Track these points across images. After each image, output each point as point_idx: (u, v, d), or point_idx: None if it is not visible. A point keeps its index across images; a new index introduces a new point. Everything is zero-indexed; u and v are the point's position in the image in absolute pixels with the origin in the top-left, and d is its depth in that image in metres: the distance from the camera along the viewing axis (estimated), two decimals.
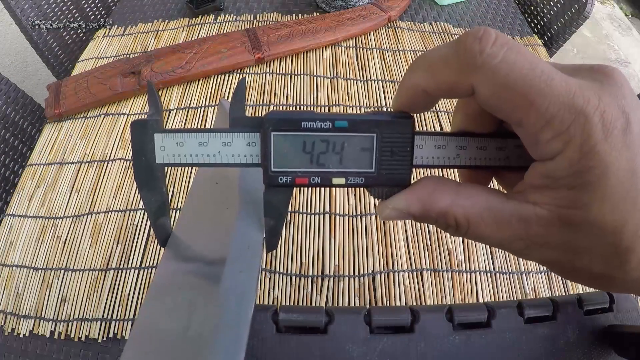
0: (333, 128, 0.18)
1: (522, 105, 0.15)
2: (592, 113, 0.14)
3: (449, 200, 0.17)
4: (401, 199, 0.18)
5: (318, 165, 0.19)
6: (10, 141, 0.60)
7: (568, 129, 0.14)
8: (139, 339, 0.21)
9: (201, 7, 0.69)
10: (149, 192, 0.20)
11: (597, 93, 0.14)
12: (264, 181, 0.19)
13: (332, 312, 0.26)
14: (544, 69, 0.14)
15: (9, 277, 0.43)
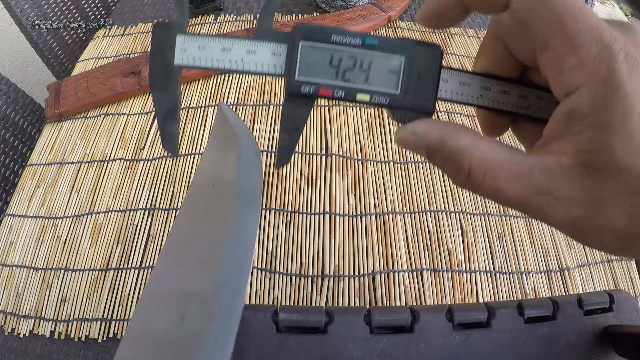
0: (363, 45, 0.18)
1: (553, 25, 0.14)
2: (617, 50, 0.14)
3: (469, 140, 0.16)
4: (422, 123, 0.18)
5: (343, 80, 0.19)
6: (10, 141, 0.60)
7: (593, 60, 0.14)
8: (132, 339, 0.21)
9: (201, 7, 0.69)
10: (162, 92, 0.20)
11: (623, 35, 0.14)
12: (285, 89, 0.19)
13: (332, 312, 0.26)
14: (580, 0, 0.14)
15: (9, 277, 0.43)
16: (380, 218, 0.46)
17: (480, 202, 0.48)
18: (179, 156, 0.51)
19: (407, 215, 0.46)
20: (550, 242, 0.46)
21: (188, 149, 0.52)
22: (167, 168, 0.50)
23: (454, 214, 0.47)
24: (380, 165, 0.50)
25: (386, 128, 0.54)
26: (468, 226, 0.46)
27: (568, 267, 0.44)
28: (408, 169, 0.50)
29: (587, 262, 0.45)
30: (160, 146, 0.52)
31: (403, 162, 0.51)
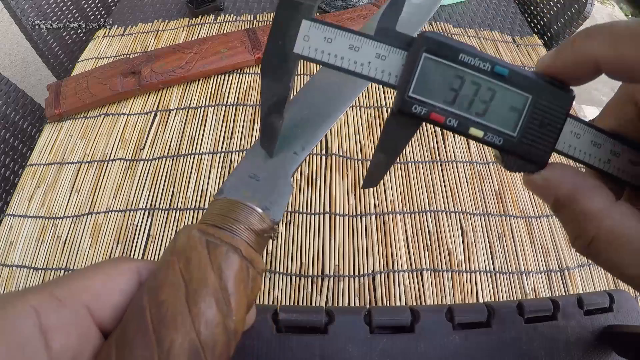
0: (491, 72, 0.16)
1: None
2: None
3: (602, 204, 0.15)
4: (558, 172, 0.16)
5: (460, 108, 0.17)
6: (10, 141, 0.60)
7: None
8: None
9: (201, 7, 0.69)
10: (273, 81, 0.18)
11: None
12: (394, 105, 0.17)
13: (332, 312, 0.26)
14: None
15: (9, 277, 0.43)
16: (380, 218, 0.46)
17: (480, 202, 0.48)
18: (179, 156, 0.51)
19: (407, 215, 0.46)
20: (550, 242, 0.46)
21: (188, 149, 0.52)
22: (167, 168, 0.50)
23: (454, 214, 0.47)
24: None
25: None
26: (468, 226, 0.46)
27: (568, 267, 0.44)
28: (408, 169, 0.50)
29: (587, 262, 0.45)
30: (160, 146, 0.52)
31: (403, 162, 0.51)
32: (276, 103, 0.19)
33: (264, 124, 0.20)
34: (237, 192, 0.20)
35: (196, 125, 0.54)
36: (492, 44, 0.67)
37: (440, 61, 0.16)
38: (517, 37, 0.70)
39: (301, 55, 0.17)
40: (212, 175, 0.49)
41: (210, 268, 0.17)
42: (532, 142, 0.17)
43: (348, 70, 0.17)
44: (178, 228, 0.45)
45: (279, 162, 0.22)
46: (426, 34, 0.16)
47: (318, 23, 0.17)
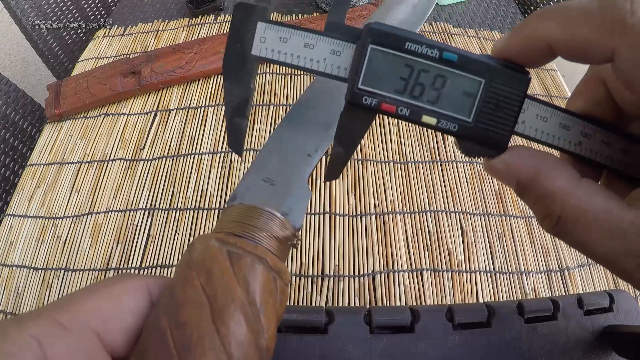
0: (439, 59, 0.16)
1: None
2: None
3: (564, 182, 0.14)
4: (517, 155, 0.16)
5: (411, 97, 0.17)
6: (10, 141, 0.60)
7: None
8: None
9: (201, 7, 0.69)
10: (234, 84, 0.18)
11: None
12: (345, 97, 0.17)
13: (332, 312, 0.26)
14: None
15: (9, 277, 0.43)
16: (380, 218, 0.46)
17: (480, 202, 0.48)
18: (179, 156, 0.51)
19: (407, 215, 0.46)
20: (550, 242, 0.46)
21: (188, 149, 0.52)
22: (167, 168, 0.50)
23: (454, 214, 0.47)
24: (380, 165, 0.50)
25: (386, 128, 0.54)
26: (468, 226, 0.46)
27: (568, 267, 0.44)
28: (408, 169, 0.50)
29: (587, 262, 0.45)
30: (160, 146, 0.52)
31: (403, 162, 0.51)
32: (239, 105, 0.19)
33: (229, 126, 0.20)
34: (252, 197, 0.19)
35: (196, 125, 0.54)
36: (492, 44, 0.67)
37: (387, 51, 0.16)
38: None
39: (259, 56, 0.18)
40: (212, 175, 0.49)
41: (236, 281, 0.15)
42: (489, 127, 0.16)
43: (305, 67, 0.18)
44: (178, 228, 0.45)
45: (293, 165, 0.21)
46: (371, 25, 0.16)
47: (273, 24, 0.17)
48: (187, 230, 0.45)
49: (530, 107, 0.17)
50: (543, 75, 0.63)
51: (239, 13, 0.17)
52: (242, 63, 0.18)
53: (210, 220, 0.45)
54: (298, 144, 0.22)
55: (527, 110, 0.17)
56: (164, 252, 0.43)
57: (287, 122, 0.23)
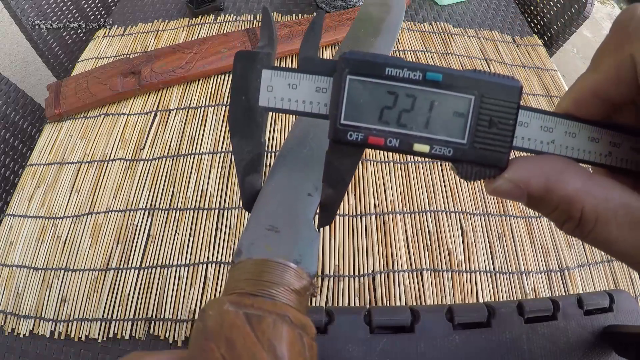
0: (423, 81, 0.15)
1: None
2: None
3: (579, 183, 0.14)
4: (521, 169, 0.15)
5: (398, 125, 0.15)
6: (10, 141, 0.60)
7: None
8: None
9: (201, 7, 0.69)
10: (243, 139, 0.17)
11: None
12: (329, 135, 0.16)
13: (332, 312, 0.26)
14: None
15: (9, 277, 0.43)
16: (380, 218, 0.46)
17: (480, 202, 0.48)
18: (179, 156, 0.51)
19: (407, 215, 0.46)
20: (550, 242, 0.46)
21: (188, 149, 0.52)
22: (167, 168, 0.50)
23: (454, 214, 0.47)
24: (380, 165, 0.50)
25: None
26: (468, 226, 0.46)
27: (568, 267, 0.44)
28: (408, 169, 0.50)
29: (587, 262, 0.45)
30: (160, 146, 0.52)
31: (403, 162, 0.51)
32: (252, 161, 0.18)
33: (242, 185, 0.19)
34: (259, 249, 0.17)
35: (196, 125, 0.54)
36: (492, 44, 0.67)
37: (367, 80, 0.15)
38: (517, 37, 0.70)
39: (268, 107, 0.16)
40: (212, 175, 0.49)
41: (260, 347, 0.14)
42: (486, 145, 0.15)
43: (319, 114, 0.16)
44: (178, 228, 0.45)
45: (295, 208, 0.19)
46: (346, 55, 0.15)
47: (280, 70, 0.16)
48: (187, 230, 0.45)
49: (558, 125, 0.16)
50: (543, 75, 0.63)
51: (240, 62, 0.16)
52: (249, 117, 0.17)
53: (211, 220, 0.45)
54: (296, 185, 0.20)
55: (555, 128, 0.16)
56: (164, 252, 0.43)
57: (280, 163, 0.22)
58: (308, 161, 0.22)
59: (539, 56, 0.66)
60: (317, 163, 0.21)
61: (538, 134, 0.16)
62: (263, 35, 0.17)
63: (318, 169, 0.20)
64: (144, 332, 0.39)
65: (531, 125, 0.16)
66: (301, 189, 0.20)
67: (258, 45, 0.17)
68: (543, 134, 0.16)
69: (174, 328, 0.39)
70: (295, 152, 0.22)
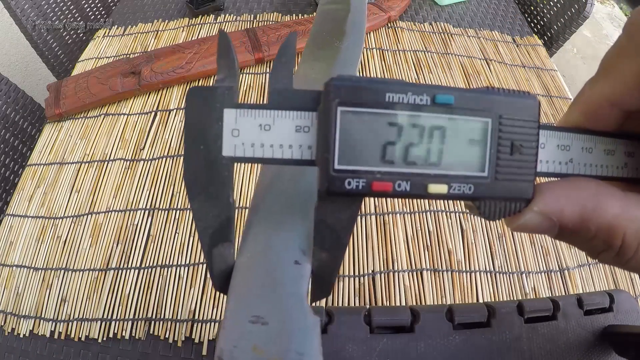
0: (432, 105, 0.13)
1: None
2: None
3: (617, 208, 0.12)
4: (551, 199, 0.13)
5: (406, 164, 0.13)
6: (10, 141, 0.60)
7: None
8: None
9: (201, 7, 0.69)
10: (206, 202, 0.13)
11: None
12: (320, 187, 0.13)
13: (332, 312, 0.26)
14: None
15: (9, 277, 0.43)
16: (380, 218, 0.46)
17: None
18: (179, 156, 0.51)
19: (407, 215, 0.46)
20: (550, 242, 0.46)
21: None
22: (167, 168, 0.50)
23: (454, 214, 0.47)
24: None
25: None
26: (468, 226, 0.46)
27: (568, 267, 0.44)
28: None
29: (587, 262, 0.45)
30: (160, 146, 0.52)
31: None
32: (220, 228, 0.14)
33: (211, 261, 0.14)
34: (245, 355, 0.13)
35: None
36: (492, 44, 0.67)
37: (363, 111, 0.12)
38: (517, 37, 0.70)
39: (234, 157, 0.13)
40: None
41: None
42: (510, 176, 0.13)
43: (303, 161, 0.13)
44: (178, 228, 0.45)
45: (281, 285, 0.15)
46: (334, 82, 0.12)
47: (247, 109, 0.13)
48: (187, 230, 0.45)
49: (574, 142, 0.14)
50: (543, 75, 0.63)
51: (194, 102, 0.13)
52: (212, 172, 0.13)
53: None
54: (278, 251, 0.16)
55: (571, 146, 0.14)
56: (164, 252, 0.43)
57: (253, 223, 0.17)
58: (288, 215, 0.17)
59: (539, 56, 0.66)
60: (299, 215, 0.17)
61: (556, 155, 0.14)
62: (221, 64, 0.14)
63: (301, 223, 0.16)
64: (144, 332, 0.39)
65: (548, 146, 0.14)
66: (285, 257, 0.15)
67: (216, 79, 0.14)
68: (560, 153, 0.14)
69: (174, 328, 0.39)
70: (269, 204, 0.17)
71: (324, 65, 0.24)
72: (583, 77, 1.47)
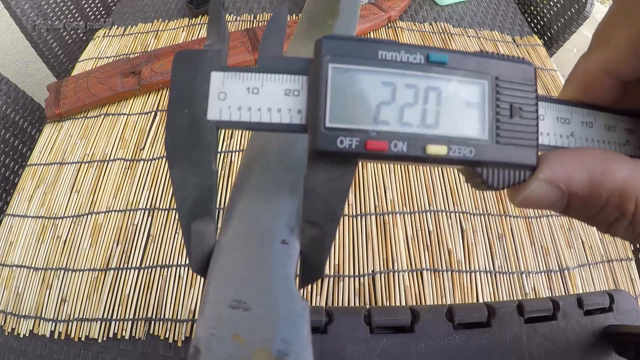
0: (426, 64, 0.12)
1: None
2: None
3: (627, 170, 0.12)
4: (557, 166, 0.12)
5: (402, 125, 0.12)
6: (10, 141, 0.60)
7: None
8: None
9: (201, 7, 0.69)
10: (187, 168, 0.13)
11: None
12: (310, 146, 0.12)
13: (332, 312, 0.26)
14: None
15: (9, 277, 0.43)
16: (380, 218, 0.46)
17: (480, 202, 0.48)
18: None
19: (407, 215, 0.46)
20: (550, 242, 0.46)
21: None
22: (167, 168, 0.50)
23: (454, 214, 0.47)
24: (380, 165, 0.50)
25: None
26: (468, 226, 0.46)
27: (568, 267, 0.44)
28: (408, 169, 0.50)
29: (587, 262, 0.45)
30: (160, 146, 0.52)
31: None
32: (201, 199, 0.13)
33: (188, 236, 0.13)
34: (224, 343, 0.12)
35: None
36: (492, 44, 0.67)
37: (356, 68, 0.12)
38: (517, 37, 0.70)
39: (220, 121, 0.12)
40: None
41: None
42: (512, 140, 0.13)
43: (292, 126, 0.12)
44: (178, 228, 0.45)
45: (266, 267, 0.13)
46: (325, 39, 0.12)
47: (235, 72, 0.12)
48: None
49: (573, 115, 0.14)
50: (543, 75, 0.63)
51: (181, 65, 0.12)
52: (195, 136, 0.13)
53: None
54: (263, 229, 0.14)
55: (571, 119, 0.14)
56: (164, 252, 0.43)
57: (237, 199, 0.16)
58: (275, 189, 0.16)
59: (539, 56, 0.66)
60: (287, 190, 0.15)
61: (556, 127, 0.14)
62: (210, 30, 0.14)
63: (290, 200, 0.15)
64: (144, 332, 0.39)
65: (547, 118, 0.14)
66: (271, 236, 0.14)
67: (206, 44, 0.13)
68: (561, 126, 0.14)
69: (174, 328, 0.39)
70: (254, 179, 0.16)
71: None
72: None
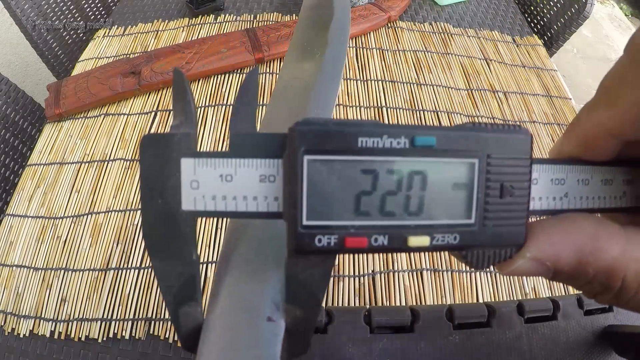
0: (411, 149, 0.11)
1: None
2: None
3: (618, 249, 0.12)
4: (545, 244, 0.12)
5: (384, 215, 0.12)
6: (10, 141, 0.60)
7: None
8: None
9: (201, 7, 0.69)
10: (167, 259, 0.12)
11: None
12: (288, 245, 0.12)
13: (332, 312, 0.26)
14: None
15: (9, 277, 0.43)
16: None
17: None
18: None
19: None
20: None
21: None
22: None
23: None
24: None
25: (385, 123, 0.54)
26: None
27: None
28: None
29: None
30: None
31: None
32: (185, 287, 0.13)
33: (177, 321, 0.13)
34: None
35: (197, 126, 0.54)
36: (492, 44, 0.67)
37: (333, 159, 0.11)
38: (517, 37, 0.70)
39: (195, 211, 0.12)
40: None
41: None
42: (500, 221, 0.12)
43: (270, 214, 0.12)
44: None
45: (253, 347, 0.13)
46: (298, 127, 0.11)
47: (206, 158, 0.12)
48: None
49: (569, 175, 0.13)
50: (543, 75, 0.63)
51: (149, 151, 0.12)
52: (171, 227, 0.12)
53: (210, 220, 0.45)
54: (249, 307, 0.14)
55: (566, 179, 0.13)
56: None
57: (222, 275, 0.16)
58: (260, 264, 0.16)
59: (539, 56, 0.67)
60: (273, 262, 0.15)
61: (549, 190, 0.13)
62: (176, 108, 0.13)
63: (276, 273, 0.15)
64: (144, 332, 0.39)
65: (540, 181, 0.13)
66: (257, 313, 0.14)
67: (172, 125, 0.12)
68: (554, 188, 0.13)
69: (174, 328, 0.39)
70: (240, 251, 0.16)
71: (302, 85, 0.23)
72: (583, 77, 1.47)
